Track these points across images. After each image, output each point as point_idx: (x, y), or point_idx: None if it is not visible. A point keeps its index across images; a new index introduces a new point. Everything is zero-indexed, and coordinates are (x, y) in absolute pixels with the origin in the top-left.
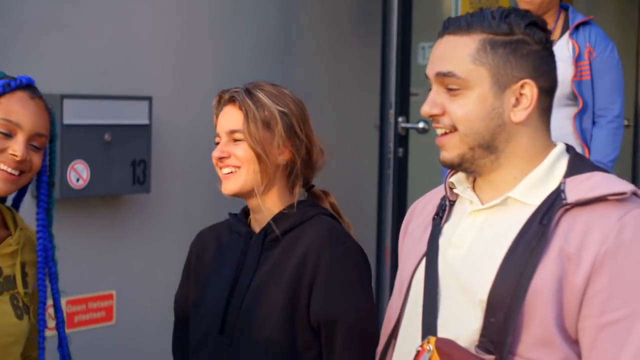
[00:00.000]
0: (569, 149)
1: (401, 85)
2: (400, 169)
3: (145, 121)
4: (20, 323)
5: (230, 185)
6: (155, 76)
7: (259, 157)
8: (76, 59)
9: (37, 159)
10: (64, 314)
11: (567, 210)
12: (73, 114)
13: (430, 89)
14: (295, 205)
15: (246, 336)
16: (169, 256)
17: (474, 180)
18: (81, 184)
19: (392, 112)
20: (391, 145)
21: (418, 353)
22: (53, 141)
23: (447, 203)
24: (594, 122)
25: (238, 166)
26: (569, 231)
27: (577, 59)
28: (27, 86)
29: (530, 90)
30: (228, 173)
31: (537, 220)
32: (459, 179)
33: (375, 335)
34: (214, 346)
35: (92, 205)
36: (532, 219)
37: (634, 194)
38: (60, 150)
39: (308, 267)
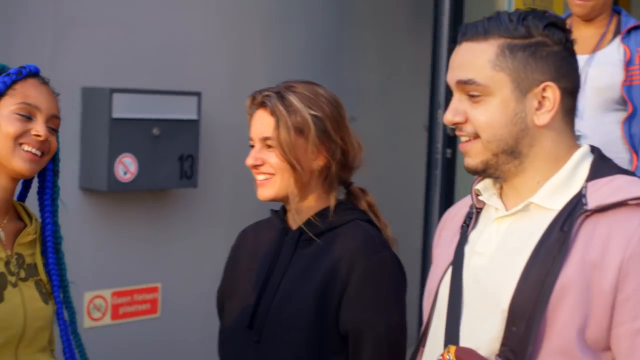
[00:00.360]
0: (594, 150)
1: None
2: (448, 170)
3: (194, 116)
4: (46, 307)
5: (264, 192)
6: (205, 72)
7: (291, 165)
8: (126, 54)
9: (54, 141)
10: (71, 302)
11: (587, 216)
12: (122, 108)
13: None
14: (332, 207)
15: (274, 335)
16: (215, 250)
17: (501, 187)
18: (129, 177)
19: (441, 112)
20: (439, 145)
21: None
22: (56, 130)
23: (474, 210)
24: None
25: (272, 173)
26: (590, 238)
27: (628, 64)
28: (36, 73)
29: (552, 93)
30: (263, 180)
31: (558, 227)
32: (485, 186)
33: (404, 347)
34: (242, 340)
35: (140, 198)
36: (553, 225)
37: None
38: (109, 143)
39: (340, 274)
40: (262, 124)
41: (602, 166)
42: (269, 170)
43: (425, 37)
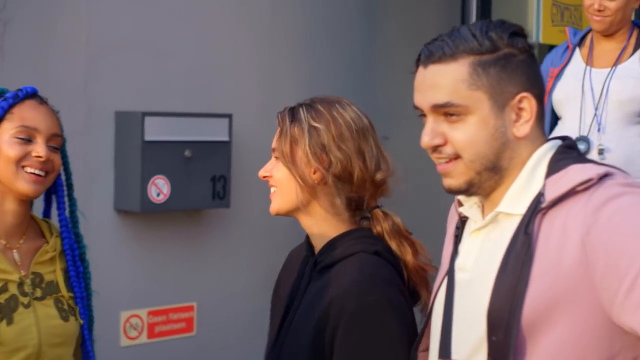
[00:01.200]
0: (564, 141)
1: None
2: None
3: (226, 138)
4: (65, 324)
5: (272, 206)
6: (235, 94)
7: (289, 169)
8: (158, 78)
9: (57, 159)
10: (92, 312)
11: (544, 213)
12: (154, 131)
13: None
14: (345, 235)
15: None
16: (248, 269)
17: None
18: (162, 198)
19: None
20: None
21: None
22: (63, 144)
23: (460, 220)
24: None
25: (277, 186)
26: (549, 234)
27: None
28: (33, 94)
29: (528, 103)
30: (272, 193)
31: (522, 231)
32: (465, 197)
33: None
34: None
35: (173, 219)
36: (519, 230)
37: (607, 174)
38: (141, 165)
39: (332, 317)
40: (275, 135)
41: (559, 161)
42: (274, 183)
43: None
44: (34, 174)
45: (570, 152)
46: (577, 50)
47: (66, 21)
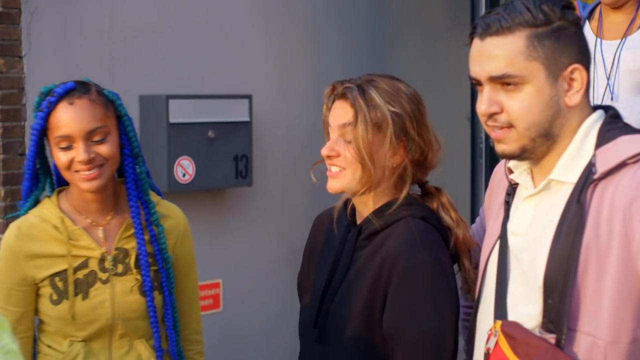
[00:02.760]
0: (608, 111)
1: None
2: (492, 158)
3: (246, 118)
4: (144, 299)
5: (334, 185)
6: (254, 75)
7: (362, 162)
8: (180, 62)
9: (104, 149)
10: (170, 275)
11: (596, 184)
12: (178, 113)
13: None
14: (398, 203)
15: (331, 335)
16: (271, 245)
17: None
18: (187, 178)
19: None
20: (482, 135)
21: (488, 336)
22: (121, 117)
23: (511, 187)
24: None
25: (344, 167)
26: (601, 204)
27: None
28: (66, 94)
29: (579, 74)
30: (335, 172)
31: (575, 200)
32: (516, 164)
33: (447, 352)
34: (308, 338)
35: (198, 198)
36: (571, 198)
37: None
38: (167, 147)
39: (383, 277)
40: (341, 114)
41: (607, 131)
42: (342, 163)
43: (464, 31)
44: (84, 174)
45: (616, 121)
46: (587, 23)
47: (89, 9)
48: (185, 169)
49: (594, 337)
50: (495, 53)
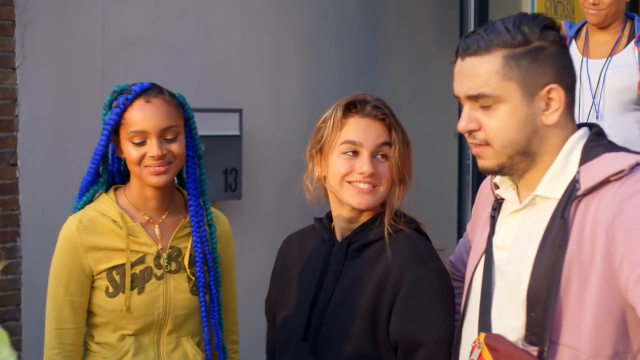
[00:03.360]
0: (593, 128)
1: None
2: (479, 175)
3: (237, 132)
4: (193, 298)
5: (368, 201)
6: (245, 90)
7: (402, 179)
8: (171, 75)
9: (175, 147)
10: (218, 274)
11: (580, 201)
12: None
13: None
14: (380, 217)
15: (330, 346)
16: (260, 260)
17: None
18: None
19: None
20: (470, 152)
21: (472, 348)
22: (190, 120)
23: (497, 202)
24: None
25: (377, 185)
26: (584, 220)
27: None
28: (143, 92)
29: (557, 94)
30: (368, 189)
31: (559, 215)
32: (501, 179)
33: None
34: (297, 352)
35: None
36: (555, 214)
37: (638, 164)
38: None
39: (390, 285)
40: (377, 132)
41: (592, 148)
42: (376, 181)
43: (453, 48)
44: (150, 167)
45: (601, 139)
46: (574, 42)
47: (83, 22)
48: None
49: (576, 351)
50: (473, 73)
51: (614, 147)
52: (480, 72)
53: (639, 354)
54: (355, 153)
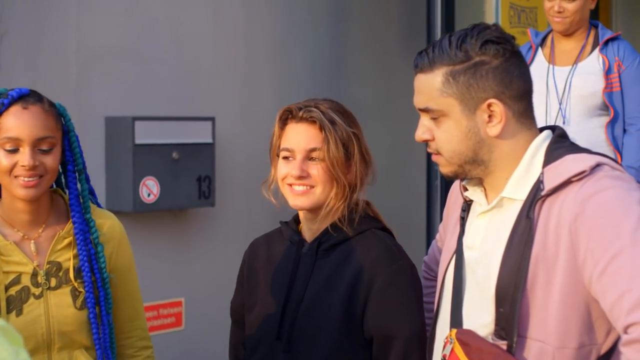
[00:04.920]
0: (555, 130)
1: None
2: (447, 180)
3: (209, 140)
4: (79, 312)
5: (303, 202)
6: (217, 98)
7: (337, 178)
8: (145, 84)
9: (49, 160)
10: (108, 294)
11: (544, 200)
12: (144, 134)
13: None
14: (348, 217)
15: (304, 343)
16: (233, 265)
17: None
18: (152, 198)
19: None
20: None
21: (445, 343)
22: (68, 133)
23: (466, 203)
24: (624, 130)
25: (313, 185)
26: (548, 219)
27: (607, 72)
28: (20, 98)
29: (497, 108)
30: (302, 190)
31: (524, 215)
32: (470, 182)
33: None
34: (270, 351)
35: (162, 218)
36: (521, 214)
37: (598, 164)
38: (133, 167)
39: (363, 282)
40: (308, 136)
41: (555, 150)
42: (311, 182)
43: None
44: (23, 180)
45: (563, 141)
46: (540, 50)
47: (57, 33)
48: (150, 189)
49: (542, 343)
50: (420, 88)
51: (575, 149)
52: (425, 89)
53: (604, 345)
54: (291, 158)
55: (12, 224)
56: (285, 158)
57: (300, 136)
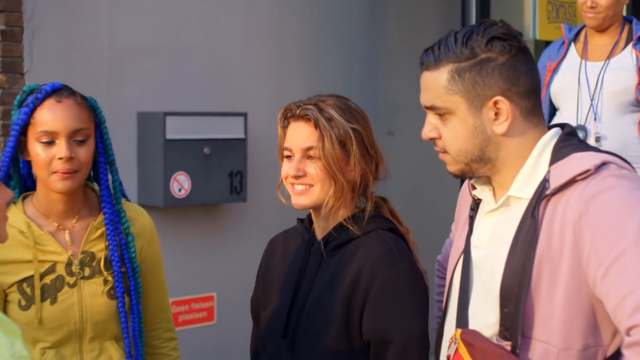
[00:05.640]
0: (564, 128)
1: None
2: None
3: (242, 135)
4: (111, 302)
5: (302, 201)
6: (250, 94)
7: (334, 177)
8: (176, 80)
9: (83, 152)
10: (138, 284)
11: (549, 199)
12: (174, 130)
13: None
14: (356, 216)
15: (306, 342)
16: None
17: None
18: (183, 193)
19: None
20: None
21: (449, 343)
22: (101, 125)
23: (474, 202)
24: None
25: (311, 184)
26: (553, 218)
27: None
28: (54, 92)
29: (503, 105)
30: (301, 190)
31: (529, 214)
32: (478, 180)
33: (426, 356)
34: (277, 348)
35: (194, 213)
36: (526, 213)
37: (604, 163)
38: (164, 162)
39: (362, 285)
40: (304, 135)
41: (562, 148)
42: (309, 181)
43: None
44: (61, 173)
45: (571, 139)
46: (572, 45)
47: (89, 29)
48: (181, 184)
49: (547, 344)
50: (427, 86)
51: (583, 147)
52: (431, 86)
53: (610, 346)
54: (292, 157)
55: (47, 214)
56: (287, 157)
57: (297, 135)
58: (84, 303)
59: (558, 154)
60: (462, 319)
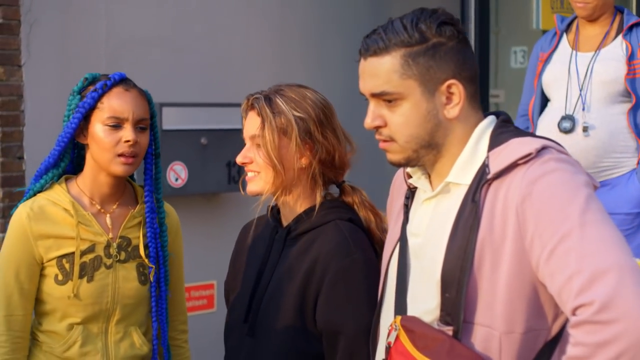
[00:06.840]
0: (499, 116)
1: (480, 87)
2: None
3: (239, 126)
4: (141, 287)
5: (251, 187)
6: (248, 84)
7: (272, 165)
8: (174, 71)
9: (144, 139)
10: (167, 272)
11: (490, 184)
12: (171, 120)
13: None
14: (317, 205)
15: (264, 329)
16: None
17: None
18: (180, 183)
19: None
20: None
21: (389, 331)
22: (153, 118)
23: (410, 191)
24: None
25: (258, 171)
26: (494, 202)
27: (630, 58)
28: (121, 81)
29: (456, 88)
30: (251, 176)
31: (470, 199)
32: (414, 169)
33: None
34: (239, 333)
35: (192, 202)
36: (466, 198)
37: (544, 147)
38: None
39: (315, 275)
40: (251, 124)
41: (500, 134)
42: (255, 168)
43: None
44: (124, 156)
45: (508, 125)
46: (565, 36)
47: (87, 21)
48: (178, 173)
49: (489, 328)
50: (375, 72)
51: (520, 133)
52: (380, 72)
53: (552, 329)
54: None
55: (91, 196)
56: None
57: (247, 124)
58: (117, 285)
59: (496, 140)
60: (401, 307)
